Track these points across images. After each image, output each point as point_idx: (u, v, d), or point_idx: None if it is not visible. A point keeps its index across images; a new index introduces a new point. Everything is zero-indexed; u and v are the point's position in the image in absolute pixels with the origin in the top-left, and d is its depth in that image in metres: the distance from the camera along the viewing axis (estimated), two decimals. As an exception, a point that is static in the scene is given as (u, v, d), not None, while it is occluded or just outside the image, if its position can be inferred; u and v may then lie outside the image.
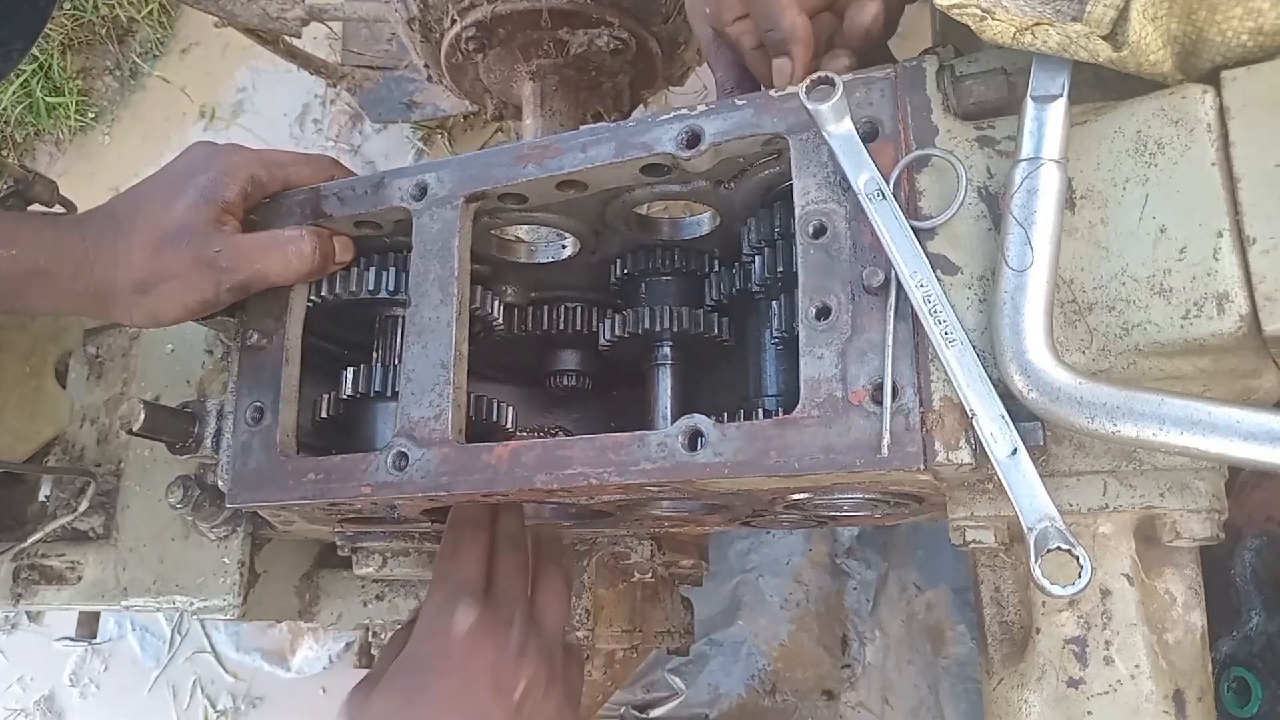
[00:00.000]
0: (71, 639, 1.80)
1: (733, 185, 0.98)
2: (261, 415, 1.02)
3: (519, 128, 1.69)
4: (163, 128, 2.93)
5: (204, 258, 0.97)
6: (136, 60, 3.02)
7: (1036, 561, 0.69)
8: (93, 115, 3.03)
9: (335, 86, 2.49)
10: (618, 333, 1.11)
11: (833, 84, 0.79)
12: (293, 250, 1.00)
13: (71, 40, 3.06)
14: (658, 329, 1.08)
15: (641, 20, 1.49)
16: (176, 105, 2.94)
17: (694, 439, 0.82)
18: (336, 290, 1.07)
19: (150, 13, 3.00)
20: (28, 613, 2.59)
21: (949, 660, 1.79)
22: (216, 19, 2.00)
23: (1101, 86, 0.78)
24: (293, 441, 1.02)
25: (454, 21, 1.52)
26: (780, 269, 0.96)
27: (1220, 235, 0.68)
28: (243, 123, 2.81)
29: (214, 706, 2.40)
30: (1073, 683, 0.77)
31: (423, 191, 1.00)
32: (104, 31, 3.04)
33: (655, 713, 1.94)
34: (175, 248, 0.96)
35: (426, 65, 1.70)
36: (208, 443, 1.08)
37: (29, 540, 1.34)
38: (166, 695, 2.45)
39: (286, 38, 2.20)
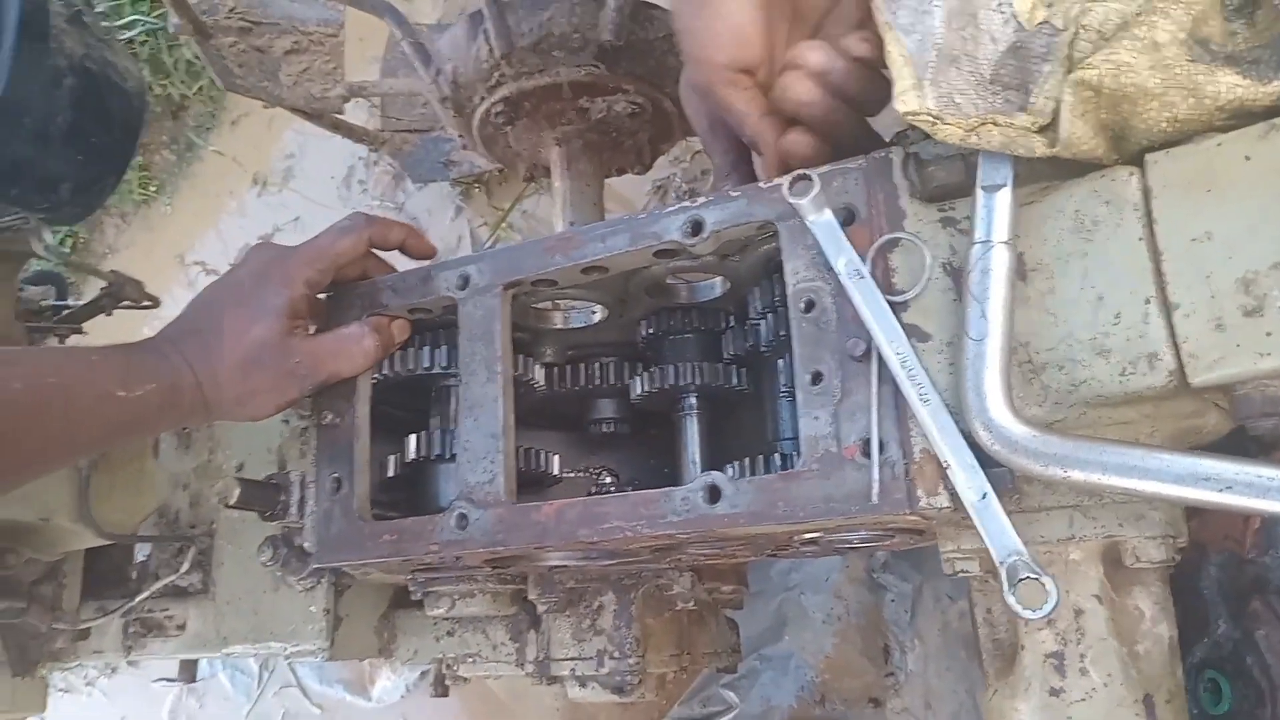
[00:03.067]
0: (168, 680, 1.96)
1: (738, 257, 1.10)
2: (340, 485, 1.16)
3: (549, 186, 1.82)
4: (219, 196, 3.13)
5: (285, 369, 1.14)
6: (190, 135, 3.23)
7: (1010, 590, 0.80)
8: (154, 188, 3.24)
9: (377, 150, 2.66)
10: (646, 388, 1.24)
11: (811, 180, 0.91)
12: (358, 349, 1.17)
13: (131, 119, 3.27)
14: (682, 383, 1.21)
15: (654, 84, 1.61)
16: (230, 174, 3.13)
17: (713, 493, 0.94)
18: (396, 369, 1.22)
19: (200, 90, 3.21)
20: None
21: (985, 664, 1.87)
22: (264, 102, 2.17)
23: (1053, 162, 0.88)
24: (368, 506, 1.16)
25: (483, 99, 1.65)
26: (782, 332, 1.07)
27: (1148, 302, 0.78)
28: (294, 187, 2.99)
29: (302, 737, 2.57)
30: (1054, 692, 0.88)
31: (465, 282, 1.13)
32: (159, 110, 3.26)
33: (712, 726, 2.05)
34: (260, 366, 1.13)
35: (460, 135, 1.83)
36: (293, 510, 1.23)
37: (137, 599, 1.50)
38: (258, 728, 2.63)
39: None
